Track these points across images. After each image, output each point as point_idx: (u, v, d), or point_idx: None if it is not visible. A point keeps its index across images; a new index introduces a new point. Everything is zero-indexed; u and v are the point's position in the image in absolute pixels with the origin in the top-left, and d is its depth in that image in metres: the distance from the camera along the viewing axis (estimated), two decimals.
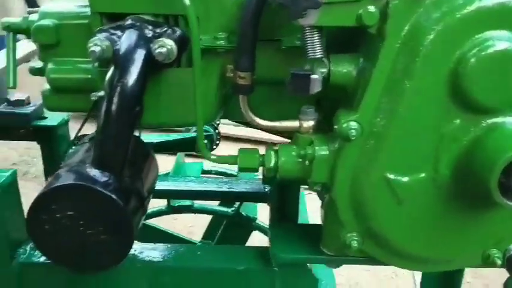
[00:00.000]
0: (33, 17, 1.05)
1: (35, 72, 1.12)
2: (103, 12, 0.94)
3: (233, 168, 1.87)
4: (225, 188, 1.42)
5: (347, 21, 0.81)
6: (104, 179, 0.91)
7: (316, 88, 0.83)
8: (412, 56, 0.80)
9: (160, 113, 0.98)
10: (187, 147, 1.57)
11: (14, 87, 1.06)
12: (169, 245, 1.17)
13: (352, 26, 0.82)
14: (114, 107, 0.88)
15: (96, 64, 0.99)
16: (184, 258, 1.15)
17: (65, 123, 1.38)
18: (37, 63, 1.12)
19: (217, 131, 1.71)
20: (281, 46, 0.93)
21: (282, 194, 1.45)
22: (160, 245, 1.17)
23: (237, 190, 1.41)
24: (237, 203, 1.58)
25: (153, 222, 1.75)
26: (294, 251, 1.09)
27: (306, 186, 1.04)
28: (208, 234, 1.89)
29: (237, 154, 0.99)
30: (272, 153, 0.97)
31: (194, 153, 1.90)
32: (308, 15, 0.78)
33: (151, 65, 0.90)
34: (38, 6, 1.02)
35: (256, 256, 1.15)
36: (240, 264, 1.13)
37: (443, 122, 0.83)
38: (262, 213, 1.70)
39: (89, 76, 1.03)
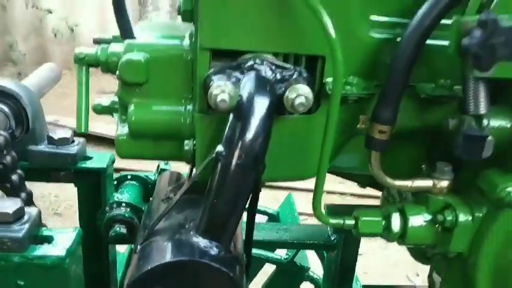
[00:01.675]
0: (115, 48, 0.89)
1: (101, 110, 0.96)
2: (213, 48, 0.79)
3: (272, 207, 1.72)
4: (293, 237, 1.28)
5: None
6: (215, 251, 0.76)
7: (489, 152, 0.72)
8: None
9: (275, 167, 0.83)
10: None
11: (86, 132, 0.88)
12: None
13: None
14: (235, 166, 0.73)
15: (192, 106, 0.84)
16: None
17: (112, 164, 1.20)
18: (103, 101, 0.96)
19: None
20: (419, 94, 0.82)
21: (346, 244, 1.34)
22: None
23: (306, 241, 1.28)
24: (292, 251, 1.43)
25: None
26: None
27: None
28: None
29: (355, 215, 0.86)
30: (398, 217, 0.85)
31: None
32: (496, 66, 0.67)
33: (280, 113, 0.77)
34: (134, 38, 0.85)
35: None
36: None
37: None
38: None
39: (181, 120, 0.87)
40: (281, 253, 1.52)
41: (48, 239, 0.86)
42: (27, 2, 5.67)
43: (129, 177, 1.30)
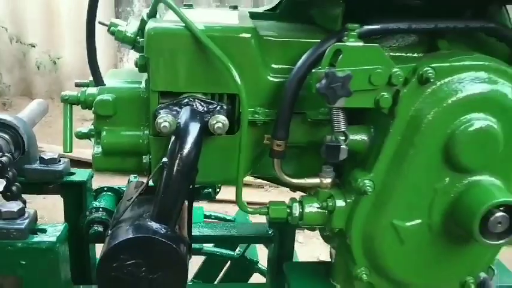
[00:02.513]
0: (91, 91, 1.23)
1: (82, 136, 1.29)
2: (161, 91, 1.14)
3: (230, 214, 2.06)
4: (234, 232, 1.61)
5: (367, 104, 1.05)
6: (164, 230, 1.09)
7: (343, 156, 1.07)
8: (415, 131, 1.06)
9: (205, 173, 1.17)
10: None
11: (70, 151, 1.22)
12: None
13: (370, 107, 1.06)
14: (175, 171, 1.07)
15: (147, 132, 1.18)
16: None
17: (91, 178, 1.53)
18: (83, 129, 1.29)
19: None
20: (306, 118, 1.17)
21: (282, 236, 1.67)
22: None
23: (246, 234, 1.61)
24: (242, 247, 1.76)
25: None
26: (309, 286, 1.30)
27: None
28: (199, 274, 2.04)
29: (267, 206, 1.20)
30: (297, 205, 1.19)
31: None
32: (340, 100, 1.02)
33: (206, 135, 1.11)
34: (104, 84, 1.20)
35: None
36: None
37: (437, 180, 1.09)
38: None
39: (140, 141, 1.21)
40: None
41: (43, 230, 1.18)
42: (12, 37, 5.97)
43: (105, 189, 1.63)
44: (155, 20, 1.16)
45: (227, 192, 1.26)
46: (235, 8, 1.41)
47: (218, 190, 1.79)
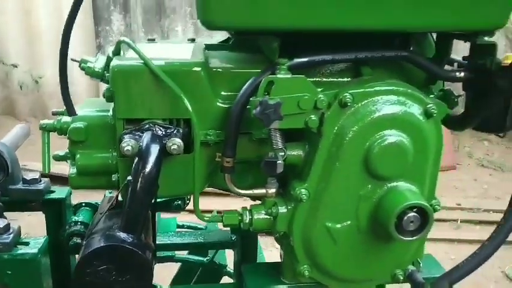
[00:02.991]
0: (65, 119, 1.41)
1: (59, 158, 1.47)
2: (125, 118, 1.33)
3: (202, 224, 2.24)
4: (200, 239, 1.79)
5: (298, 125, 1.25)
6: (130, 239, 1.27)
7: (280, 169, 1.27)
8: (340, 146, 1.25)
9: (167, 187, 1.35)
10: (167, 207, 1.92)
11: (49, 172, 1.40)
12: None
13: (301, 128, 1.26)
14: (139, 188, 1.25)
15: (118, 154, 1.36)
16: None
17: (70, 195, 1.70)
18: (60, 152, 1.48)
19: None
20: (252, 138, 1.37)
21: (244, 241, 1.86)
22: None
23: (210, 240, 1.80)
24: (212, 253, 1.94)
25: None
26: (262, 284, 1.49)
27: None
28: (176, 281, 2.22)
29: (222, 215, 1.40)
30: (247, 212, 1.38)
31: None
32: (274, 123, 1.22)
33: (165, 155, 1.29)
34: (76, 114, 1.38)
35: None
36: None
37: (360, 187, 1.29)
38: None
39: (109, 161, 1.40)
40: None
41: (26, 243, 1.36)
42: None
43: (83, 204, 1.81)
44: (119, 57, 1.35)
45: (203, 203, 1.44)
46: (193, 40, 1.61)
47: (188, 202, 1.98)
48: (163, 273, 2.15)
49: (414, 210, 1.23)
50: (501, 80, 1.30)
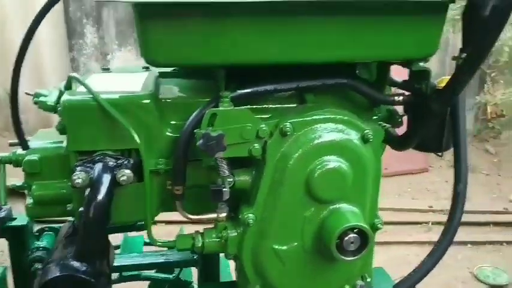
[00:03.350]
0: (20, 151, 1.46)
1: (17, 188, 1.51)
2: (77, 151, 1.37)
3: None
4: (162, 259, 1.85)
5: (242, 153, 1.31)
6: (84, 268, 1.32)
7: (226, 196, 1.32)
8: (283, 172, 1.32)
9: (121, 215, 1.40)
10: (132, 227, 1.96)
11: (5, 204, 1.44)
12: None
13: (246, 156, 1.33)
14: (91, 217, 1.30)
15: (70, 184, 1.41)
16: None
17: (32, 220, 1.74)
18: (17, 182, 1.52)
19: None
20: (202, 165, 1.42)
21: (205, 260, 1.92)
22: None
23: (173, 260, 1.85)
24: (177, 270, 2.00)
25: None
26: None
27: None
28: None
29: (175, 239, 1.45)
30: (199, 236, 1.43)
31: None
32: (218, 153, 1.28)
33: (116, 185, 1.34)
34: (28, 148, 1.43)
35: None
36: None
37: (304, 210, 1.35)
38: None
39: (64, 191, 1.44)
40: None
41: None
42: None
43: (46, 228, 1.85)
44: (70, 92, 1.39)
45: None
46: (147, 68, 1.67)
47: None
48: None
49: (355, 231, 1.30)
50: (435, 103, 1.38)
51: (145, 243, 2.29)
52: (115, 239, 2.17)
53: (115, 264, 1.83)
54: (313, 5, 1.24)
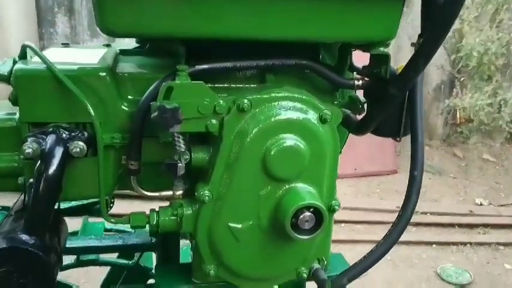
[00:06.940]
0: None
1: None
2: (29, 122, 1.34)
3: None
4: (120, 242, 1.81)
5: (199, 128, 1.30)
6: (32, 241, 1.28)
7: (181, 171, 1.31)
8: (240, 149, 1.31)
9: (74, 190, 1.37)
10: (89, 211, 1.93)
11: None
12: None
13: (203, 132, 1.31)
14: (41, 189, 1.27)
15: (22, 157, 1.37)
16: None
17: None
18: None
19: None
20: (159, 141, 1.40)
21: (166, 243, 1.89)
22: None
23: (130, 243, 1.82)
24: (137, 255, 1.96)
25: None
26: (173, 284, 1.52)
27: None
28: (106, 283, 2.22)
29: (129, 216, 1.42)
30: (154, 214, 1.41)
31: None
32: (174, 126, 1.26)
33: (68, 158, 1.31)
34: None
35: None
36: None
37: (260, 188, 1.34)
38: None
39: (15, 165, 1.40)
40: None
41: None
42: None
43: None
44: (23, 61, 1.36)
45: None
46: (108, 46, 1.63)
47: (111, 205, 1.99)
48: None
49: (310, 210, 1.30)
50: (392, 87, 1.39)
51: (106, 230, 2.25)
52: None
53: (71, 245, 1.79)
54: None
